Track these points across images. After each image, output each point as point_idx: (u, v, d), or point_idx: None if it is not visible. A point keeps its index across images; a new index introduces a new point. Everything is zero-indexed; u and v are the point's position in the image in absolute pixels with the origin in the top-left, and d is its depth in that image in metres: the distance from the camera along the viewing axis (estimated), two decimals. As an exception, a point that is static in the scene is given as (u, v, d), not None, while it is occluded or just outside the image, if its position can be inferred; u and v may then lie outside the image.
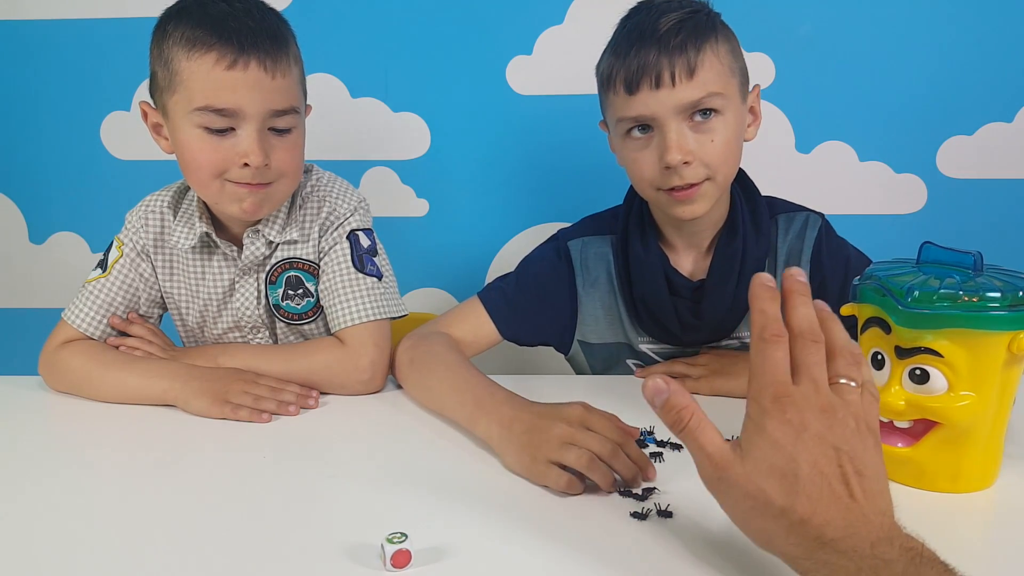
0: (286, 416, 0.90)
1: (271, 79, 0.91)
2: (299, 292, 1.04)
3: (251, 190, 0.94)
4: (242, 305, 1.05)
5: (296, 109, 0.95)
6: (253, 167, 0.92)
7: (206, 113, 0.90)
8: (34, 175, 1.65)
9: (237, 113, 0.91)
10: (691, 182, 0.90)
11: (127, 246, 1.06)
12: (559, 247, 1.06)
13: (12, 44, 1.58)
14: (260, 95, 0.91)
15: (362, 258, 1.02)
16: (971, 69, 1.48)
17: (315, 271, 1.04)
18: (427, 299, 1.66)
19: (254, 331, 1.07)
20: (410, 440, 0.83)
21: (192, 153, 0.93)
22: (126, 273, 1.05)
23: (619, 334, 1.05)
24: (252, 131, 0.91)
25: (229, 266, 1.05)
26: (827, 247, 0.98)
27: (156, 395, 0.93)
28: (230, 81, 0.89)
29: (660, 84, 0.88)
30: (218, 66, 0.89)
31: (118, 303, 1.04)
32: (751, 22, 1.37)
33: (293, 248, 1.03)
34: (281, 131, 0.95)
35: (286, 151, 0.95)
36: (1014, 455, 0.74)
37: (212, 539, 0.63)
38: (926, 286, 0.65)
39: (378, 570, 0.58)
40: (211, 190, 0.95)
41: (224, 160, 0.92)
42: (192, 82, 0.90)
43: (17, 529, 0.66)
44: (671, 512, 0.65)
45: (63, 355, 1.00)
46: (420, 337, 0.99)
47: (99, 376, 0.96)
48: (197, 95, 0.90)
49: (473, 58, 1.54)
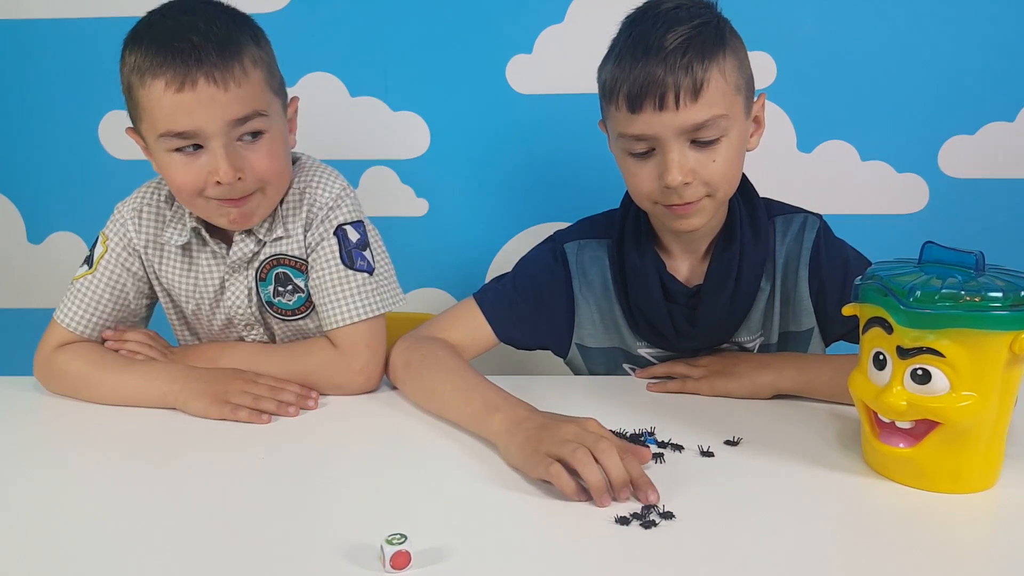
0: (285, 417, 0.89)
1: (224, 92, 0.89)
2: (288, 288, 1.03)
3: (233, 204, 0.94)
4: (233, 304, 1.04)
5: (261, 112, 0.93)
6: (226, 183, 0.91)
7: (169, 138, 0.90)
8: (32, 175, 1.64)
9: (198, 133, 0.90)
10: (690, 200, 0.89)
11: (112, 240, 1.04)
12: (555, 250, 1.05)
13: (12, 44, 1.58)
14: (216, 110, 0.89)
15: (351, 253, 1.00)
16: (973, 68, 1.48)
17: (303, 267, 1.02)
18: (427, 299, 1.66)
19: (248, 328, 1.06)
20: (410, 441, 0.83)
21: (170, 175, 0.94)
22: (112, 268, 1.03)
23: (616, 339, 1.05)
24: (218, 147, 0.90)
25: (218, 263, 1.03)
26: (825, 249, 0.97)
27: (155, 397, 0.93)
28: (183, 103, 0.88)
29: (664, 106, 0.85)
30: (168, 90, 0.88)
31: (106, 300, 1.02)
32: (753, 21, 1.36)
33: (280, 244, 1.02)
34: (253, 136, 0.93)
35: (261, 158, 0.93)
36: (1015, 455, 0.73)
37: (212, 540, 0.63)
38: (928, 286, 0.65)
39: (378, 571, 0.58)
40: (197, 207, 0.96)
41: (198, 179, 0.92)
42: (151, 109, 0.90)
43: (16, 529, 0.65)
44: (654, 521, 0.64)
45: (60, 359, 0.99)
46: (416, 340, 0.99)
47: (97, 379, 0.96)
48: (158, 122, 0.90)
49: (473, 58, 1.53)
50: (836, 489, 0.71)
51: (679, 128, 0.86)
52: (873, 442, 0.72)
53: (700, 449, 0.78)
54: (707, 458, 0.77)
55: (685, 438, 0.80)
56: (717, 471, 0.74)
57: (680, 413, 0.88)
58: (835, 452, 0.78)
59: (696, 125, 0.86)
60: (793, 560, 0.59)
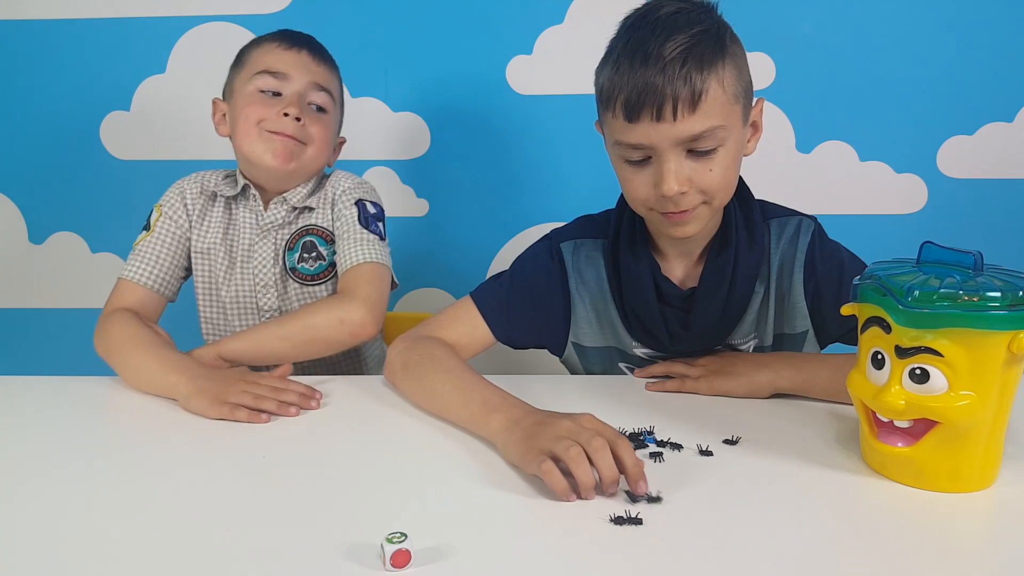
0: (286, 417, 0.90)
1: (316, 64, 1.17)
2: (313, 255, 1.18)
3: (284, 139, 1.13)
4: (259, 263, 1.18)
5: (332, 95, 1.18)
6: (292, 117, 1.12)
7: (262, 76, 1.14)
8: (34, 175, 1.65)
9: (287, 77, 1.14)
10: (685, 208, 0.89)
11: (166, 207, 1.20)
12: (552, 248, 1.05)
13: (12, 44, 1.58)
14: (306, 71, 1.15)
15: (367, 219, 1.18)
16: (971, 69, 1.48)
17: (330, 238, 1.19)
18: (427, 299, 1.66)
19: (265, 289, 1.18)
20: (409, 441, 0.83)
21: (243, 108, 1.14)
22: (167, 227, 1.19)
23: (612, 338, 1.05)
24: (294, 94, 1.14)
25: (253, 225, 1.19)
26: (820, 252, 0.97)
27: (166, 386, 0.95)
28: (285, 57, 1.15)
29: (661, 117, 0.84)
30: (278, 48, 1.15)
31: (164, 254, 1.17)
32: (751, 22, 1.37)
33: (311, 216, 1.19)
34: (317, 109, 1.17)
35: (319, 125, 1.16)
36: (1014, 455, 0.74)
37: (212, 539, 0.63)
38: (926, 286, 0.65)
39: (378, 570, 0.58)
40: (251, 137, 1.13)
41: (268, 111, 1.13)
42: (256, 57, 1.15)
43: (15, 529, 0.66)
44: (640, 519, 0.64)
45: (113, 320, 1.08)
46: (414, 340, 0.99)
47: (126, 354, 1.01)
48: (258, 63, 1.15)
49: (473, 58, 1.54)
50: (835, 488, 0.71)
51: (676, 139, 0.85)
52: (871, 441, 0.72)
53: (699, 448, 0.78)
54: (706, 457, 0.77)
55: (684, 437, 0.81)
56: (716, 470, 0.75)
57: (679, 412, 0.88)
58: (833, 451, 0.78)
59: (693, 136, 0.85)
60: (792, 559, 0.59)
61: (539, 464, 0.69)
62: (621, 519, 0.64)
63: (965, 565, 0.60)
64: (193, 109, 1.56)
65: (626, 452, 0.69)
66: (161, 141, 1.61)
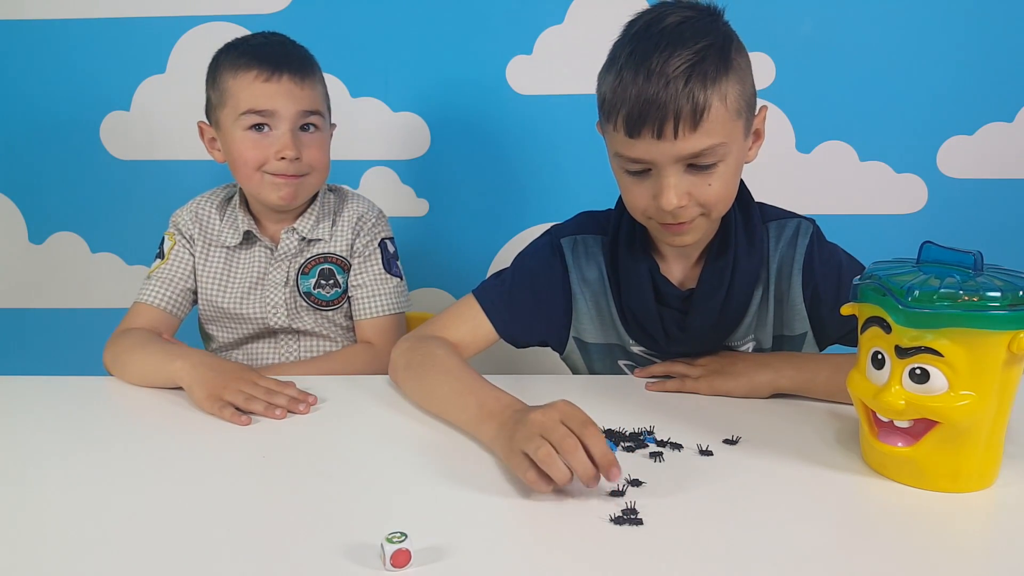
0: (272, 419, 0.88)
1: (300, 88, 1.14)
2: (330, 282, 1.22)
3: (287, 180, 1.15)
4: (271, 287, 1.20)
5: (321, 112, 1.17)
6: (288, 159, 1.12)
7: (249, 115, 1.12)
8: (34, 175, 1.65)
9: (274, 114, 1.12)
10: (684, 220, 0.89)
11: (177, 235, 1.23)
12: (552, 243, 1.05)
13: (12, 44, 1.58)
14: (291, 100, 1.13)
15: (390, 262, 1.24)
16: (971, 69, 1.48)
17: (346, 265, 1.23)
18: (427, 299, 1.66)
19: (275, 309, 1.20)
20: (410, 440, 0.83)
21: (239, 151, 1.14)
22: (181, 255, 1.22)
23: (612, 335, 1.05)
24: (286, 130, 1.13)
25: (262, 260, 1.21)
26: (819, 254, 0.97)
27: (170, 375, 0.96)
28: (267, 90, 1.12)
29: (662, 135, 0.84)
30: (257, 79, 1.12)
31: (178, 279, 1.21)
32: (751, 22, 1.37)
33: (327, 245, 1.23)
34: (309, 130, 1.16)
35: (314, 148, 1.16)
36: (1014, 455, 0.74)
37: (212, 539, 0.63)
38: (926, 286, 0.65)
39: (378, 570, 0.58)
40: (254, 181, 1.15)
41: (264, 155, 1.13)
42: (238, 94, 1.13)
43: (14, 528, 0.66)
44: (640, 519, 0.65)
45: (123, 334, 1.10)
46: (417, 340, 0.99)
47: (130, 355, 1.03)
48: (242, 103, 1.12)
49: (473, 58, 1.54)
50: (835, 488, 0.71)
51: (676, 156, 0.85)
52: (872, 441, 0.72)
53: (699, 448, 0.79)
54: (706, 457, 0.77)
55: (684, 437, 0.81)
56: (716, 470, 0.75)
57: (679, 412, 0.88)
58: (834, 451, 0.78)
59: (694, 154, 0.85)
60: (792, 558, 0.60)
61: (524, 469, 0.69)
62: (621, 519, 0.64)
63: (965, 565, 0.60)
64: (193, 109, 1.55)
65: (594, 443, 0.68)
66: (161, 141, 1.61)
